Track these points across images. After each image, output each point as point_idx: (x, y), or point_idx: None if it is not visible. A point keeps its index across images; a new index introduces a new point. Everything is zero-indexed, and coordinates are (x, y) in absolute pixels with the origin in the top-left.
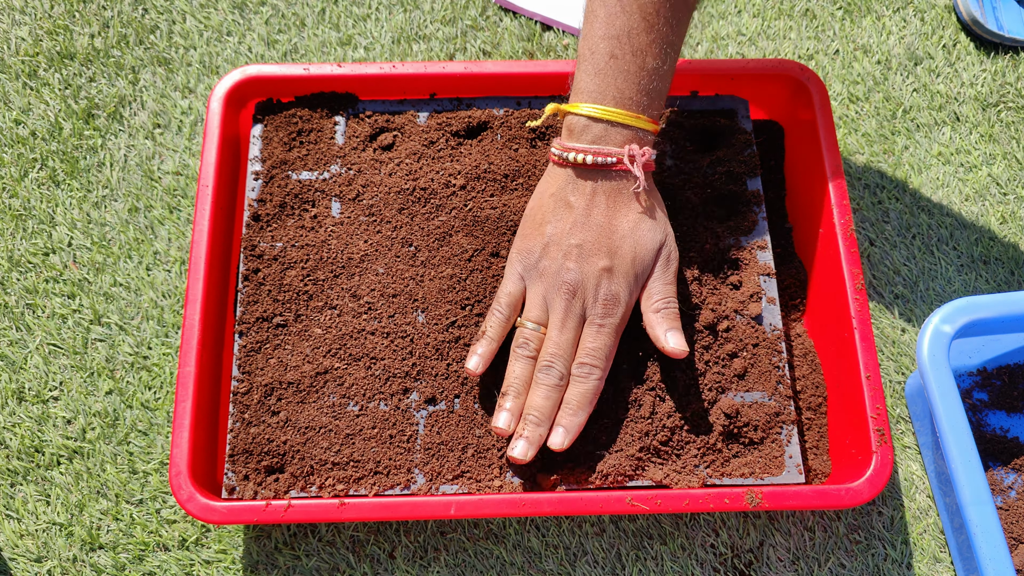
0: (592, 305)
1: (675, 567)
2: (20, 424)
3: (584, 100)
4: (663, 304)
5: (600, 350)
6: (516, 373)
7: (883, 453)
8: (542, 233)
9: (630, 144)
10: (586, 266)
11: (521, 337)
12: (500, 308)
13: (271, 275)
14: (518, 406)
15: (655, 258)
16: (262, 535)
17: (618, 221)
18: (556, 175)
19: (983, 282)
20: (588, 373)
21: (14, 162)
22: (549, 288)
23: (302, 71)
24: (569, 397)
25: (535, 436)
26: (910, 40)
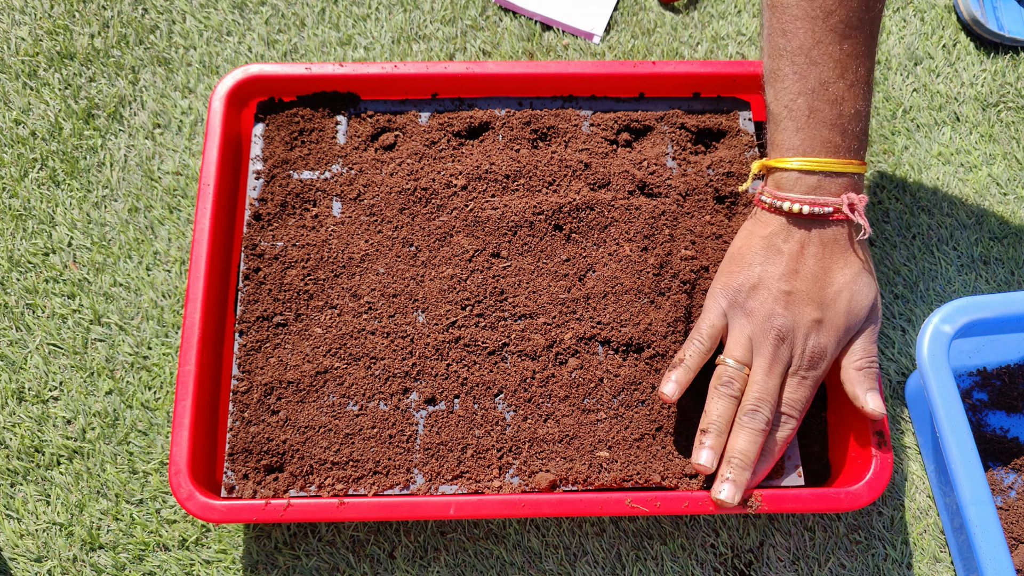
0: (799, 356)
1: (675, 567)
2: (20, 424)
3: (792, 155)
4: (866, 363)
5: (800, 402)
6: (719, 411)
7: (883, 456)
8: (752, 273)
9: (847, 192)
10: (797, 315)
11: (725, 375)
12: (701, 339)
13: (272, 274)
14: (720, 444)
15: (868, 315)
16: (262, 535)
17: (833, 273)
18: (767, 219)
19: (983, 282)
20: (789, 422)
21: (14, 162)
22: (757, 330)
23: (304, 71)
24: (770, 446)
25: (742, 481)
26: (910, 40)
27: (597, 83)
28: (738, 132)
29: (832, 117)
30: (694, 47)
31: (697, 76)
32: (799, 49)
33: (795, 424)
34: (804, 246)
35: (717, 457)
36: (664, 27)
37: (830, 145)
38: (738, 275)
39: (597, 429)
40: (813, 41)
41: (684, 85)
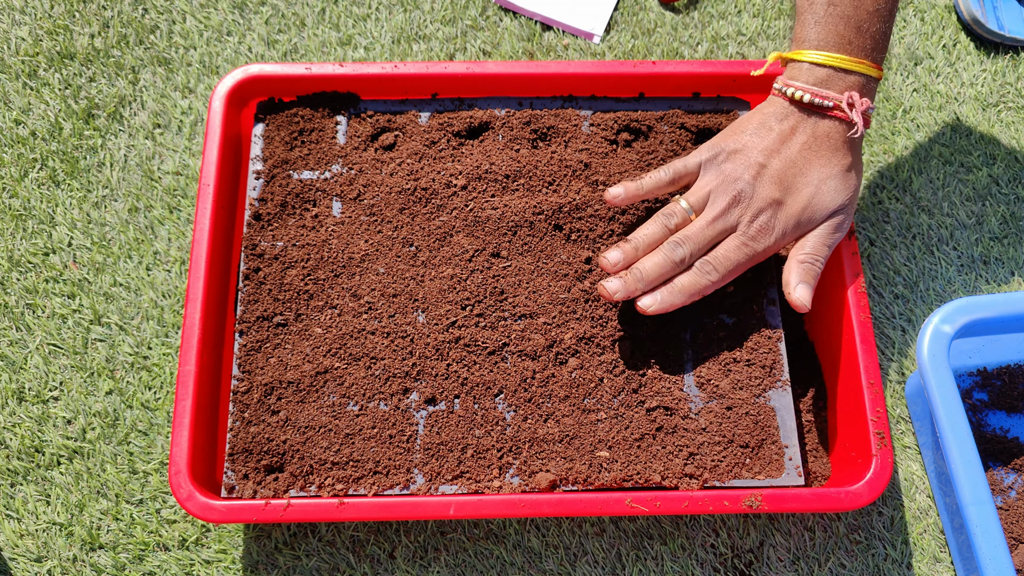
0: (746, 224)
1: (675, 567)
2: (20, 424)
3: (807, 48)
4: (809, 259)
5: (730, 262)
6: (648, 232)
7: (883, 456)
8: (738, 139)
9: (852, 91)
10: (760, 187)
11: (671, 209)
12: (667, 171)
13: (272, 274)
14: (631, 257)
15: (825, 218)
16: (262, 535)
17: (811, 165)
18: (772, 102)
19: (983, 282)
20: (708, 272)
21: (14, 162)
22: (718, 185)
23: (304, 71)
24: (680, 281)
25: (632, 287)
26: (910, 40)
27: (597, 83)
28: None
29: (849, 12)
30: (694, 47)
31: (697, 76)
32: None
33: (714, 279)
34: (795, 131)
35: (624, 263)
36: (664, 27)
37: (844, 41)
38: (728, 138)
39: (597, 429)
40: None
41: (684, 85)
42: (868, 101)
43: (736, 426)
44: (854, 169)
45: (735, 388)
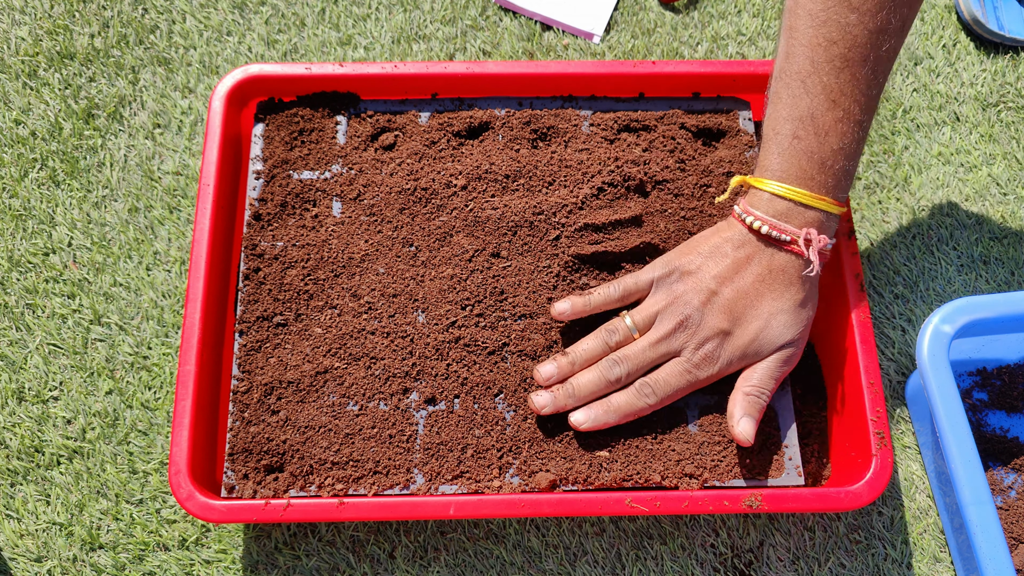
0: (691, 351)
1: (675, 567)
2: (20, 424)
3: (769, 178)
4: (755, 391)
5: (670, 387)
6: (587, 347)
7: (883, 456)
8: (692, 260)
9: (810, 228)
10: (708, 316)
11: (614, 325)
12: (617, 288)
13: (272, 274)
14: (567, 372)
15: (773, 351)
16: (262, 535)
17: (763, 298)
18: (733, 226)
19: (983, 282)
20: (647, 395)
21: (14, 162)
22: (667, 307)
23: (304, 70)
24: (616, 400)
25: (562, 402)
26: (910, 40)
27: (597, 83)
28: (738, 132)
29: (813, 148)
30: (694, 47)
31: (697, 76)
32: (796, 74)
33: (651, 402)
34: (750, 260)
35: (558, 377)
36: (664, 27)
37: (805, 176)
38: (682, 257)
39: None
40: (810, 69)
41: (684, 85)
42: (826, 238)
43: None
44: (808, 303)
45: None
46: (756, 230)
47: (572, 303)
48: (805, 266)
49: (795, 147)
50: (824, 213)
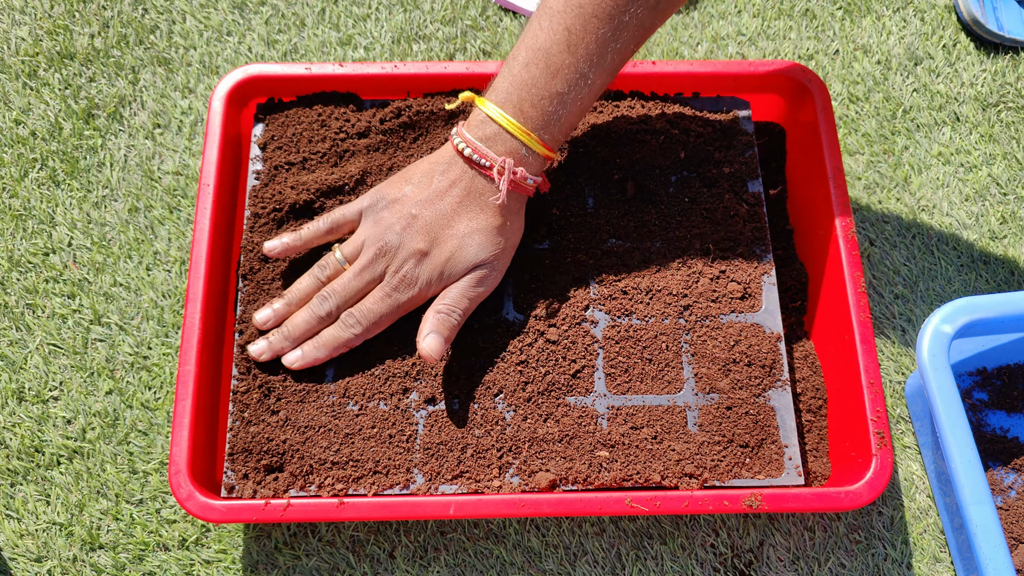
0: (391, 275)
1: (675, 567)
2: (20, 424)
3: (492, 99)
4: (446, 309)
5: (373, 314)
6: (301, 286)
7: (883, 456)
8: (400, 189)
9: (509, 157)
10: (407, 239)
11: (325, 260)
12: (326, 221)
13: (271, 274)
14: (284, 313)
15: (467, 270)
16: (262, 535)
17: (459, 219)
18: (445, 150)
19: (983, 282)
20: (351, 325)
21: (14, 162)
22: (370, 237)
23: (304, 71)
24: (323, 334)
25: (277, 346)
26: (910, 40)
27: None
28: (737, 132)
29: (538, 82)
30: (694, 47)
31: (697, 76)
32: (549, 9)
33: (357, 332)
34: (453, 184)
35: (275, 321)
36: (664, 27)
37: (522, 107)
38: (392, 187)
39: (597, 428)
40: (562, 8)
41: (684, 85)
42: (524, 172)
43: (736, 426)
44: (506, 230)
45: (735, 388)
46: (461, 151)
47: (281, 242)
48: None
49: (522, 76)
50: (527, 148)
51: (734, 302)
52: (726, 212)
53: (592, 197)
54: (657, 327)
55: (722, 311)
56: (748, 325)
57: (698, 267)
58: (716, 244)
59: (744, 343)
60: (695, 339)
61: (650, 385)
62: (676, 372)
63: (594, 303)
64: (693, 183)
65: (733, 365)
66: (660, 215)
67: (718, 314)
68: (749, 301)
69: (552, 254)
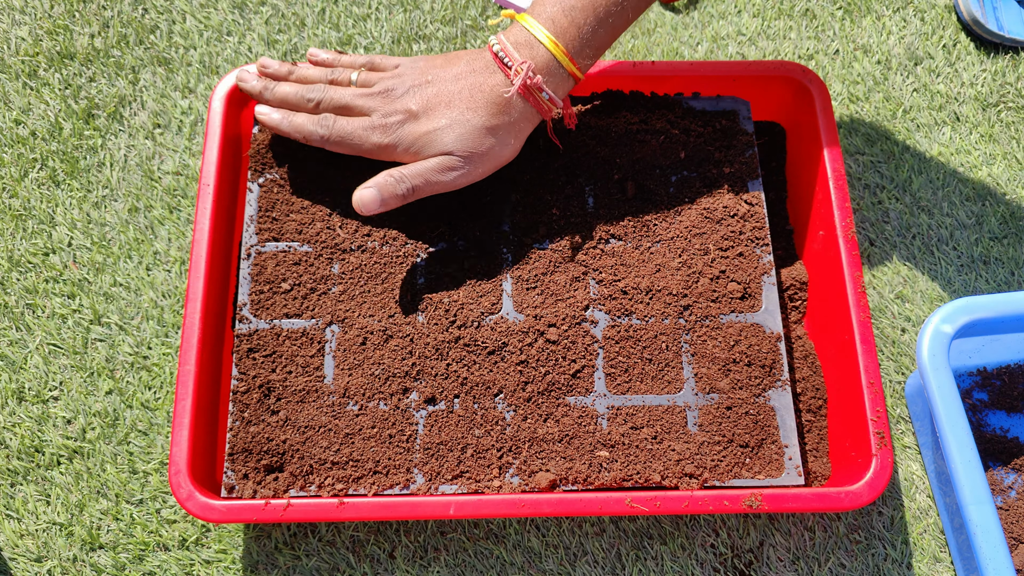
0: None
1: (675, 567)
2: (20, 424)
3: (533, 15)
4: (398, 175)
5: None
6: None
7: (883, 456)
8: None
9: (531, 62)
10: (408, 97)
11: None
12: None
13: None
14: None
15: (437, 154)
16: (262, 535)
17: (459, 103)
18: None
19: (983, 282)
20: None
21: (14, 162)
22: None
23: None
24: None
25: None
26: (910, 40)
27: (596, 83)
28: (737, 132)
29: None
30: (694, 47)
31: (697, 76)
32: None
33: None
34: (473, 72)
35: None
36: (664, 27)
37: (555, 20)
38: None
39: (597, 428)
40: None
41: (684, 85)
42: (542, 80)
43: (736, 426)
44: (498, 134)
45: (735, 388)
46: (491, 47)
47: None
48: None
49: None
50: (556, 62)
51: (734, 302)
52: (726, 212)
53: (592, 197)
54: (657, 327)
55: (722, 311)
56: (748, 325)
57: (698, 267)
58: (716, 244)
59: (744, 343)
60: (695, 339)
61: (650, 385)
62: (676, 372)
63: (594, 303)
64: (693, 183)
65: (733, 365)
66: (660, 215)
67: (718, 314)
68: (749, 301)
69: (552, 254)
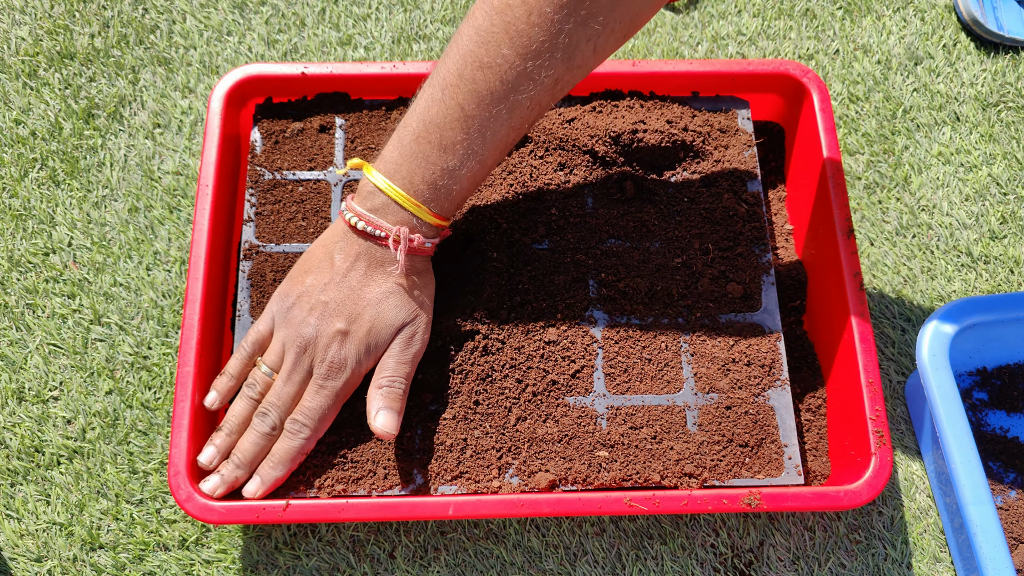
0: (319, 365)
1: (675, 567)
2: (20, 424)
3: (380, 169)
4: (387, 382)
5: (315, 411)
6: (236, 411)
7: (882, 455)
8: (302, 282)
9: (403, 226)
10: (324, 325)
11: (252, 377)
12: (245, 345)
13: (271, 274)
14: (227, 444)
15: (393, 335)
16: (262, 535)
17: (369, 289)
18: (336, 228)
19: (983, 282)
20: (297, 431)
21: (14, 162)
22: (288, 338)
23: (303, 71)
24: (275, 450)
25: (231, 477)
26: (910, 40)
27: (596, 83)
28: (737, 132)
29: (428, 156)
30: (694, 47)
31: (697, 76)
32: (442, 80)
33: (309, 434)
34: (355, 260)
35: (220, 456)
36: (664, 27)
37: (412, 180)
38: (292, 283)
39: (596, 428)
40: (455, 81)
41: (684, 85)
42: (421, 237)
43: (736, 425)
44: (419, 285)
45: (734, 387)
46: (353, 226)
47: (216, 391)
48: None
49: (414, 149)
50: (418, 218)
51: (734, 302)
52: (725, 212)
53: (591, 197)
54: (657, 327)
55: (722, 311)
56: (747, 325)
57: (698, 267)
58: (716, 244)
59: (743, 343)
60: (695, 339)
61: (649, 385)
62: (675, 372)
63: (594, 303)
64: (692, 183)
65: (732, 365)
66: (660, 215)
67: (718, 314)
68: (749, 301)
69: (551, 254)
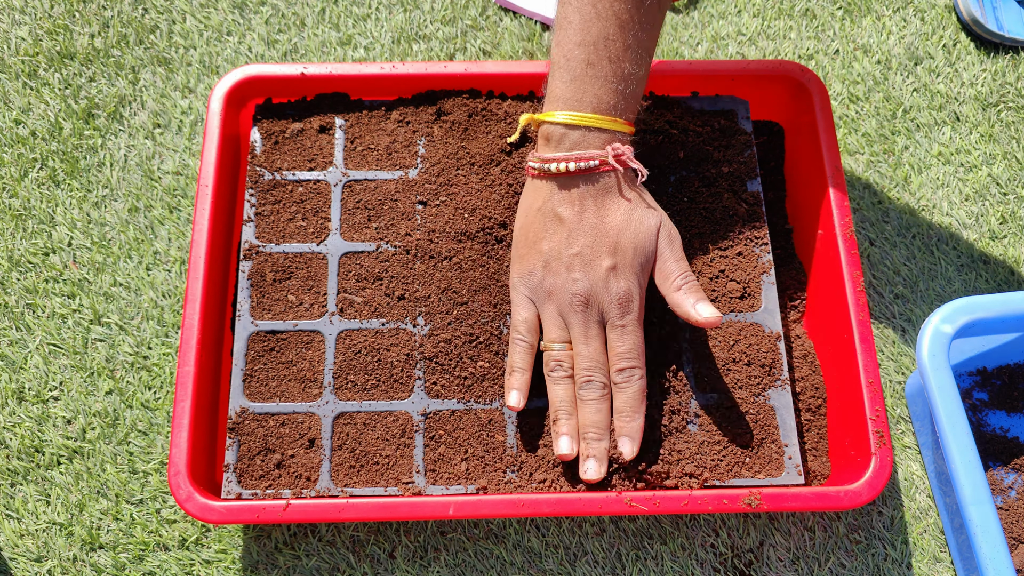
0: (609, 307)
1: (675, 567)
2: (20, 424)
3: (559, 108)
4: (682, 280)
5: (632, 349)
6: (559, 396)
7: (882, 455)
8: (539, 251)
9: (610, 144)
10: (591, 272)
11: (551, 360)
12: (520, 336)
13: (271, 274)
14: (573, 427)
15: (656, 240)
16: (262, 535)
17: (610, 218)
18: (539, 188)
19: (983, 282)
20: (629, 376)
21: (14, 162)
22: (562, 305)
23: (302, 71)
24: (620, 405)
25: (601, 451)
26: (910, 40)
27: None
28: (736, 131)
29: (606, 72)
30: (694, 47)
31: (696, 75)
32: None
33: (640, 372)
34: (581, 202)
35: (575, 440)
36: (664, 27)
37: (599, 102)
38: (528, 258)
39: None
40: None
41: (683, 85)
42: (628, 148)
43: (736, 425)
44: (643, 194)
45: (735, 387)
46: (564, 172)
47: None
48: (634, 175)
49: (588, 73)
50: (618, 132)
51: (733, 301)
52: (725, 212)
53: None
54: (657, 327)
55: (721, 310)
56: (747, 324)
57: (697, 267)
58: (715, 244)
59: (743, 342)
60: (695, 339)
61: (649, 384)
62: (675, 372)
63: None
64: (692, 183)
65: (732, 364)
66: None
67: None
68: (748, 300)
69: None
